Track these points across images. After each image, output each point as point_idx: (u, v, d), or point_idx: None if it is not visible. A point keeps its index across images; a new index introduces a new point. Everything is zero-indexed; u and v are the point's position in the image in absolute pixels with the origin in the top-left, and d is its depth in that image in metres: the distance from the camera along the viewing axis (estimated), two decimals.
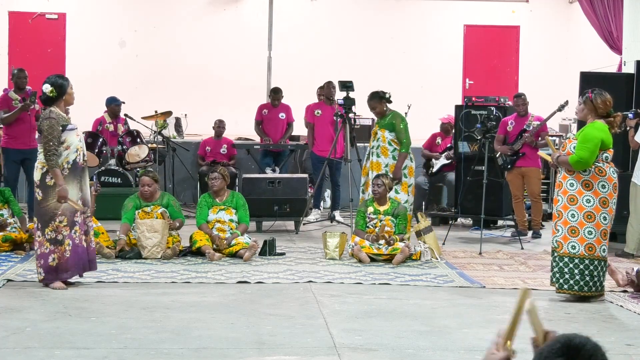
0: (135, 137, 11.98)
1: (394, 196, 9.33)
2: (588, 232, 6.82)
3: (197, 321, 5.97)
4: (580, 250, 6.83)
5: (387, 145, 9.61)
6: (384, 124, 9.65)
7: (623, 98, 10.09)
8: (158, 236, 8.52)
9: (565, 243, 6.85)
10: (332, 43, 16.67)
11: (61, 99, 7.01)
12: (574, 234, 6.83)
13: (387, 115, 9.68)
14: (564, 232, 6.86)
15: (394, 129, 9.59)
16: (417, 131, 12.97)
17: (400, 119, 9.69)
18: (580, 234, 6.82)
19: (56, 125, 6.86)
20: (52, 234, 6.93)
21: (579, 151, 6.79)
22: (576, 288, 6.87)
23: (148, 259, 8.42)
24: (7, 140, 10.32)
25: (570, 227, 6.82)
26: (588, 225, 6.81)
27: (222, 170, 9.14)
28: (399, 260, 8.49)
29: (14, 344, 5.33)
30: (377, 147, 9.63)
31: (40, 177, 6.95)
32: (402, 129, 9.60)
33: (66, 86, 7.04)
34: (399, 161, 9.53)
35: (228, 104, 15.53)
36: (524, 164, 10.46)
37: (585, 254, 6.83)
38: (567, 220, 6.83)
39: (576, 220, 6.82)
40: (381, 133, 9.63)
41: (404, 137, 9.59)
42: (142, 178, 9.01)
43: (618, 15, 12.73)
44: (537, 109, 10.94)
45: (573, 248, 6.84)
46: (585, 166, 6.80)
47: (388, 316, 6.29)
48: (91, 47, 16.30)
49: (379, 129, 9.67)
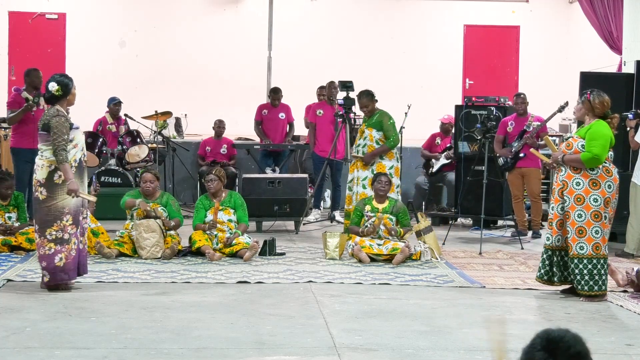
0: (135, 137, 11.98)
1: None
2: (595, 232, 6.84)
3: (197, 321, 5.97)
4: (588, 251, 6.84)
5: (374, 144, 9.65)
6: (372, 122, 9.70)
7: (623, 98, 10.10)
8: (156, 235, 8.52)
9: (574, 244, 6.85)
10: (332, 43, 16.67)
11: (65, 99, 7.00)
12: (581, 234, 6.84)
13: (375, 114, 9.73)
14: (572, 234, 6.86)
15: (382, 127, 9.63)
16: (417, 131, 13.00)
17: (387, 116, 9.75)
18: (588, 233, 6.83)
19: (65, 122, 6.84)
20: (58, 233, 6.83)
21: (592, 148, 6.80)
22: (586, 288, 6.88)
23: (148, 259, 8.42)
24: (16, 141, 10.28)
25: (578, 228, 6.83)
26: (595, 225, 6.83)
27: (217, 171, 9.13)
28: (399, 260, 8.49)
29: (14, 344, 5.33)
30: (363, 146, 9.68)
31: (47, 175, 6.83)
32: (391, 125, 9.68)
33: (71, 86, 7.03)
34: (379, 150, 9.60)
35: (228, 104, 15.53)
36: (524, 164, 10.46)
37: (593, 254, 6.84)
38: (575, 220, 6.84)
39: (583, 220, 6.83)
40: (369, 132, 9.68)
41: (393, 133, 9.66)
42: (144, 174, 9.02)
43: (618, 15, 12.73)
44: (537, 109, 10.94)
45: (581, 249, 6.85)
46: (598, 163, 6.82)
47: (388, 316, 6.29)
48: (91, 47, 16.30)
49: (367, 127, 9.71)
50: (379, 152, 9.62)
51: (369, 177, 9.42)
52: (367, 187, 9.44)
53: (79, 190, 6.81)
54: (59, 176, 6.82)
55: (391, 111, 9.95)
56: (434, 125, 12.76)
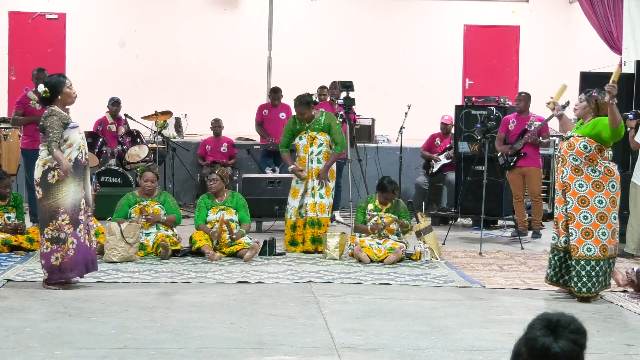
0: (135, 137, 11.99)
1: (319, 202, 9.17)
2: (602, 234, 6.83)
3: (197, 321, 5.97)
4: (596, 253, 6.83)
5: (329, 150, 9.31)
6: (319, 127, 9.27)
7: (623, 98, 10.09)
8: (115, 239, 8.31)
9: (581, 246, 6.84)
10: (332, 43, 16.67)
11: (57, 99, 7.01)
12: (587, 236, 6.82)
13: (320, 118, 9.31)
14: (578, 235, 6.84)
15: (331, 130, 9.27)
16: (417, 131, 13.00)
17: (334, 119, 9.42)
18: (595, 235, 6.82)
19: (57, 121, 6.88)
20: (54, 232, 6.89)
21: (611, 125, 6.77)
22: (593, 290, 6.87)
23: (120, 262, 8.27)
24: (27, 142, 10.20)
25: (584, 230, 6.82)
26: (602, 227, 6.82)
27: (220, 171, 9.13)
28: (392, 261, 8.48)
29: (14, 344, 5.33)
30: (318, 153, 9.25)
31: (41, 174, 6.90)
32: (339, 129, 9.34)
33: (61, 86, 6.99)
34: (331, 161, 9.26)
35: (228, 104, 15.54)
36: (525, 163, 10.47)
37: (601, 255, 6.84)
38: (580, 222, 6.83)
39: (589, 222, 6.81)
40: (322, 137, 9.26)
41: (341, 138, 9.32)
42: (144, 173, 9.01)
43: (618, 15, 12.73)
44: (537, 109, 10.94)
45: (589, 250, 6.83)
46: (620, 135, 6.85)
47: (388, 316, 6.29)
48: (91, 47, 16.31)
49: (318, 132, 9.25)
50: (331, 163, 9.28)
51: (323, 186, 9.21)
52: (324, 196, 9.22)
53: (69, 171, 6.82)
54: (53, 176, 6.87)
55: (391, 111, 9.95)
56: (434, 125, 12.75)
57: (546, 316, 2.62)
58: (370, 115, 14.00)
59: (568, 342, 2.56)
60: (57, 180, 6.87)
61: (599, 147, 6.86)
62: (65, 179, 6.86)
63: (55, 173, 6.86)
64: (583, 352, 2.60)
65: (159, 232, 8.74)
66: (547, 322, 2.60)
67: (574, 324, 2.59)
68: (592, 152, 6.85)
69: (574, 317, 2.62)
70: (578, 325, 2.59)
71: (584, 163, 6.86)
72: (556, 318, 2.61)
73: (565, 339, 2.56)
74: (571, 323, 2.59)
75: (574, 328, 2.59)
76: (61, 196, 6.87)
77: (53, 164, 6.87)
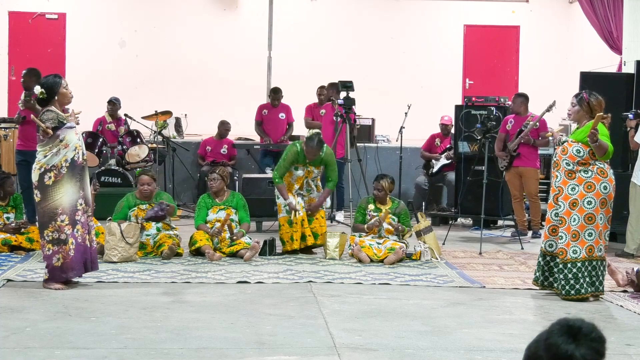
0: (135, 137, 11.99)
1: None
2: (588, 235, 6.82)
3: (197, 321, 5.97)
4: (582, 254, 6.83)
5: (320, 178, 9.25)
6: (318, 163, 9.12)
7: (623, 98, 10.10)
8: (114, 239, 8.32)
9: (568, 249, 6.84)
10: (332, 43, 16.68)
11: (53, 99, 7.01)
12: (574, 238, 6.82)
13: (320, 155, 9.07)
14: (567, 239, 6.84)
15: (328, 167, 9.14)
16: (417, 131, 13.00)
17: (333, 157, 9.21)
18: (581, 237, 6.82)
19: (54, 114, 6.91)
20: (54, 234, 6.89)
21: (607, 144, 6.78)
22: (582, 292, 6.87)
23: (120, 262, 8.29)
24: (22, 143, 10.18)
25: (572, 232, 6.82)
26: (588, 227, 6.81)
27: (221, 170, 9.14)
28: (392, 261, 8.48)
29: (14, 344, 5.33)
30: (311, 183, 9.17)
31: (38, 177, 6.92)
32: (335, 167, 9.21)
33: (57, 87, 6.99)
34: (323, 197, 9.18)
35: (228, 104, 15.54)
36: (521, 163, 10.45)
37: (586, 256, 6.83)
38: (570, 225, 6.82)
39: (577, 223, 6.81)
40: (317, 170, 9.17)
41: (335, 175, 9.22)
42: (141, 177, 9.02)
43: (618, 15, 12.74)
44: (537, 109, 10.95)
45: (575, 252, 6.83)
46: (610, 155, 6.83)
47: (388, 316, 6.29)
48: (91, 47, 16.31)
49: (315, 167, 9.12)
50: (325, 199, 9.24)
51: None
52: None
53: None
54: (49, 178, 6.89)
55: (391, 111, 9.95)
56: (434, 125, 12.75)
57: (567, 322, 2.61)
58: (370, 115, 14.00)
59: (590, 351, 2.56)
60: (53, 181, 6.88)
61: (592, 151, 6.83)
62: (61, 180, 6.87)
63: (52, 174, 6.87)
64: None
65: (159, 232, 8.74)
66: (568, 329, 2.59)
67: (596, 332, 2.59)
68: (585, 156, 6.83)
69: (594, 324, 2.61)
70: (599, 333, 2.59)
71: (577, 166, 6.84)
72: (578, 325, 2.59)
73: (587, 347, 2.56)
74: (593, 331, 2.59)
75: (596, 336, 2.58)
76: (59, 197, 6.88)
77: (49, 165, 6.88)
